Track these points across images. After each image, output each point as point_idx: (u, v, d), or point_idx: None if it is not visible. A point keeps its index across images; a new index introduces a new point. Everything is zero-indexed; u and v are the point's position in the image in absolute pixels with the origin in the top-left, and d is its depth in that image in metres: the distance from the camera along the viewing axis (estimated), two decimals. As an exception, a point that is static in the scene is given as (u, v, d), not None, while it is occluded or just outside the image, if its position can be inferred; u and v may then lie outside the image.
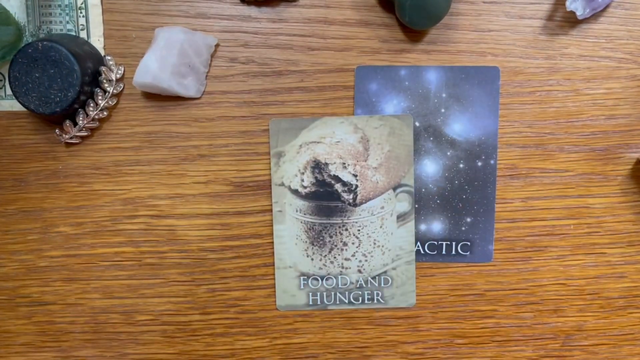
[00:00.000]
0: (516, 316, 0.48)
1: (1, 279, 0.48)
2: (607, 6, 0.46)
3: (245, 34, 0.46)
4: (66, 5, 0.45)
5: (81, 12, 0.46)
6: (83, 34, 0.46)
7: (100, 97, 0.45)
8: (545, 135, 0.47)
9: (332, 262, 0.48)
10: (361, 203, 0.47)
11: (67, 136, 0.46)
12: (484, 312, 0.48)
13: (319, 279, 0.48)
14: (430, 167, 0.47)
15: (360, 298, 0.48)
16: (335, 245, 0.47)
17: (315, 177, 0.47)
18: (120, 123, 0.47)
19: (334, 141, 0.46)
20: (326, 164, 0.47)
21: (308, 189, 0.47)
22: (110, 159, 0.47)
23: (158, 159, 0.47)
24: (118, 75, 0.46)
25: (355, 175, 0.47)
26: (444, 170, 0.47)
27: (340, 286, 0.48)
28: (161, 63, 0.44)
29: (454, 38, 0.46)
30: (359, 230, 0.47)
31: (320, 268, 0.48)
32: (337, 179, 0.47)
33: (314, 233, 0.47)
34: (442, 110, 0.46)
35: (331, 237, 0.47)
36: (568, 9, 0.44)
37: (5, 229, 0.48)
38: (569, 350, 0.49)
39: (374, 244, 0.47)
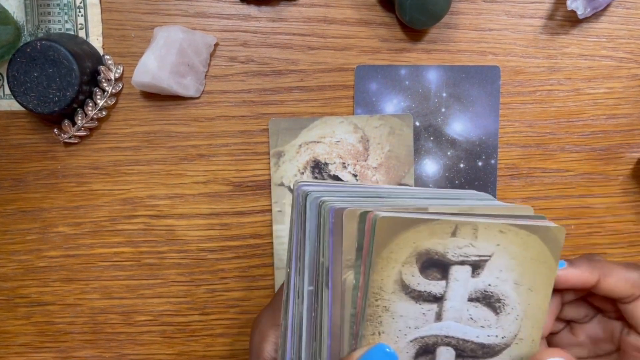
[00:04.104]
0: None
1: (0, 279, 0.48)
2: (608, 5, 0.46)
3: (244, 33, 0.46)
4: (65, 4, 0.45)
5: (80, 12, 0.45)
6: (82, 34, 0.46)
7: (99, 97, 0.45)
8: (546, 134, 0.47)
9: (332, 263, 0.47)
10: (361, 203, 0.47)
11: (65, 136, 0.46)
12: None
13: (319, 279, 0.48)
14: (431, 167, 0.47)
15: (360, 298, 0.48)
16: (335, 246, 0.47)
17: (315, 177, 0.46)
18: (119, 123, 0.47)
19: (334, 141, 0.46)
20: (326, 164, 0.46)
21: (308, 189, 0.46)
22: (109, 159, 0.47)
23: (157, 158, 0.47)
24: (117, 75, 0.46)
25: (355, 175, 0.46)
26: (444, 170, 0.47)
27: (340, 286, 0.48)
28: (160, 62, 0.43)
29: (455, 37, 0.46)
30: (359, 230, 0.47)
31: (320, 268, 0.47)
32: (337, 178, 0.46)
33: (313, 233, 0.47)
34: (443, 110, 0.46)
35: (331, 237, 0.47)
36: (569, 8, 0.44)
37: (4, 229, 0.48)
38: (569, 350, 0.49)
39: (374, 244, 0.47)
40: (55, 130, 0.46)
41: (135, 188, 0.47)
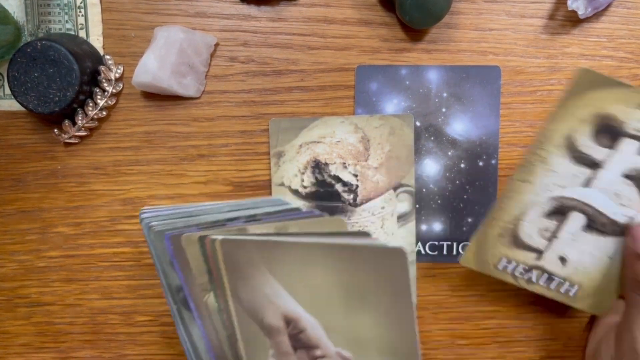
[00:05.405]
0: (518, 317, 0.48)
1: (0, 280, 0.48)
2: (609, 5, 0.46)
3: (244, 33, 0.46)
4: (65, 4, 0.45)
5: (80, 11, 0.45)
6: (82, 33, 0.46)
7: (99, 97, 0.45)
8: (546, 134, 0.47)
9: (332, 263, 0.47)
10: (362, 203, 0.46)
11: (66, 136, 0.46)
12: (485, 313, 0.48)
13: (319, 279, 0.47)
14: (431, 167, 0.47)
15: (361, 299, 0.48)
16: (336, 246, 0.47)
17: (316, 177, 0.46)
18: (119, 123, 0.47)
19: (334, 141, 0.46)
20: (326, 164, 0.46)
21: (308, 189, 0.46)
22: (109, 159, 0.47)
23: (157, 158, 0.47)
24: (117, 75, 0.46)
25: (356, 175, 0.46)
26: (444, 170, 0.47)
27: (340, 287, 0.48)
28: (160, 62, 0.43)
29: (455, 37, 0.46)
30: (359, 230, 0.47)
31: (321, 268, 0.47)
32: (338, 179, 0.46)
33: (314, 233, 0.47)
34: (443, 110, 0.46)
35: (331, 237, 0.47)
36: (569, 8, 0.44)
37: (4, 229, 0.48)
38: (571, 351, 0.48)
39: (375, 244, 0.47)
40: (55, 130, 0.46)
41: (136, 188, 0.47)
